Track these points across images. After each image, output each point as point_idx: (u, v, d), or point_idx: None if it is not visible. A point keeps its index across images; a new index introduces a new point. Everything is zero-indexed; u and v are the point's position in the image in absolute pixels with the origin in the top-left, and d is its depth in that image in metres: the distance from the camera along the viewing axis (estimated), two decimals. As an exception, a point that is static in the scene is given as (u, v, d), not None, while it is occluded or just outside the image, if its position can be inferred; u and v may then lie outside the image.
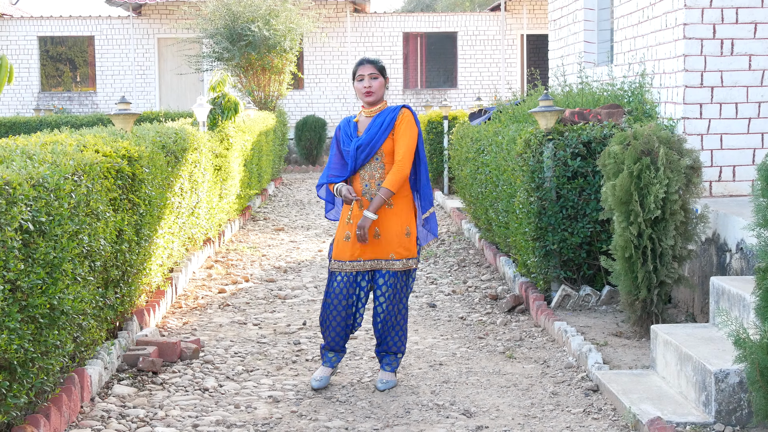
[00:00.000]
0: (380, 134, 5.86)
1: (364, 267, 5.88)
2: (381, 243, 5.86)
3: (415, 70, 27.61)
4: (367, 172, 5.91)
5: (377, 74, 5.91)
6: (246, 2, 20.52)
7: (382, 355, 6.06)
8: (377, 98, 5.94)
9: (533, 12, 27.00)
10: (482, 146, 10.14)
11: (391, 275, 5.87)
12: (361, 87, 5.92)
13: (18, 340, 4.27)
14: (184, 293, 8.74)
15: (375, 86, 5.91)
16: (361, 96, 5.95)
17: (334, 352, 6.07)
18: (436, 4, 46.25)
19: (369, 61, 5.95)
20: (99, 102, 26.90)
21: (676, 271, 6.63)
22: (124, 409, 5.49)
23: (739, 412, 4.85)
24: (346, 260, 5.88)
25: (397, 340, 6.00)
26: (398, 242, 5.86)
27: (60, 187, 4.85)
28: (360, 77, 5.93)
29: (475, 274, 9.67)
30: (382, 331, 5.97)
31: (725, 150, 7.76)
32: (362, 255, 5.87)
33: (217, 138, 11.18)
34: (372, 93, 5.92)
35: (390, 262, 5.87)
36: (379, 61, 6.00)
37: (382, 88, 5.95)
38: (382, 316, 5.92)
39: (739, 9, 7.65)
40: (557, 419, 5.31)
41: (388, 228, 5.86)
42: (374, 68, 5.92)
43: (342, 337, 6.01)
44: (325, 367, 6.06)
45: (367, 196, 5.89)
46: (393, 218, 5.87)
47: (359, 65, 5.95)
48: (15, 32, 26.90)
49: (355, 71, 5.96)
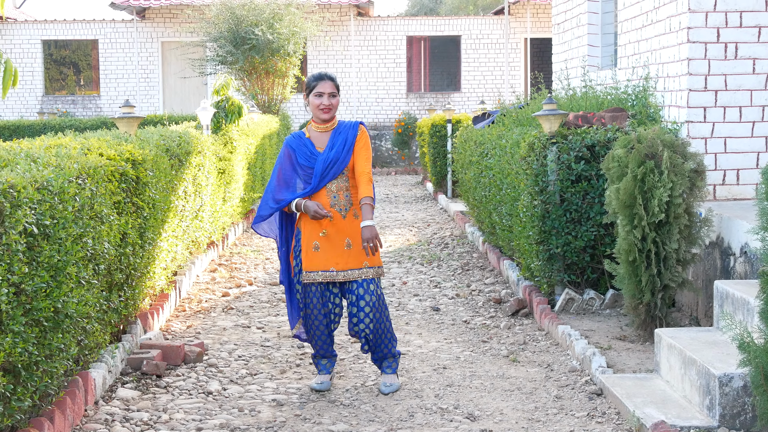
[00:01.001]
0: (346, 151, 5.88)
1: (337, 278, 5.86)
2: (353, 253, 5.87)
3: (419, 73, 27.62)
4: (335, 184, 5.90)
5: (335, 92, 5.90)
6: (250, 6, 20.54)
7: (380, 361, 6.06)
8: (332, 116, 5.95)
9: (537, 16, 27.01)
10: (486, 150, 10.13)
11: (370, 282, 5.87)
12: (319, 103, 5.87)
13: (22, 344, 4.27)
14: (188, 296, 8.74)
15: (333, 104, 5.90)
16: (317, 112, 5.90)
17: (326, 358, 6.09)
18: (440, 7, 46.28)
19: (329, 78, 5.91)
20: (103, 105, 26.93)
21: (680, 275, 6.62)
22: (128, 412, 5.49)
23: (743, 416, 4.84)
24: (318, 270, 5.87)
25: (389, 343, 6.01)
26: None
27: (64, 190, 4.86)
28: (319, 93, 5.87)
29: (479, 277, 9.67)
30: (374, 341, 5.96)
31: (729, 153, 7.75)
32: (335, 266, 5.86)
33: (221, 141, 11.19)
34: (329, 111, 5.90)
35: (364, 271, 5.87)
36: (336, 78, 6.03)
37: (336, 107, 5.96)
38: (371, 326, 5.90)
39: (743, 13, 7.65)
40: (561, 423, 5.31)
41: (358, 237, 5.87)
42: (333, 86, 5.90)
43: (328, 344, 6.04)
44: (322, 374, 6.08)
45: (336, 208, 5.89)
46: (360, 228, 5.89)
47: (319, 80, 5.88)
48: (19, 36, 26.94)
49: (313, 85, 5.88)
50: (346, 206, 5.90)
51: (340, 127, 5.96)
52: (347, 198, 5.90)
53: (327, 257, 5.86)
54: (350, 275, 5.86)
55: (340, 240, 5.86)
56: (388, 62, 27.09)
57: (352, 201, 5.91)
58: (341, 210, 5.89)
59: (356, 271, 5.86)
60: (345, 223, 5.88)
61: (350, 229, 5.88)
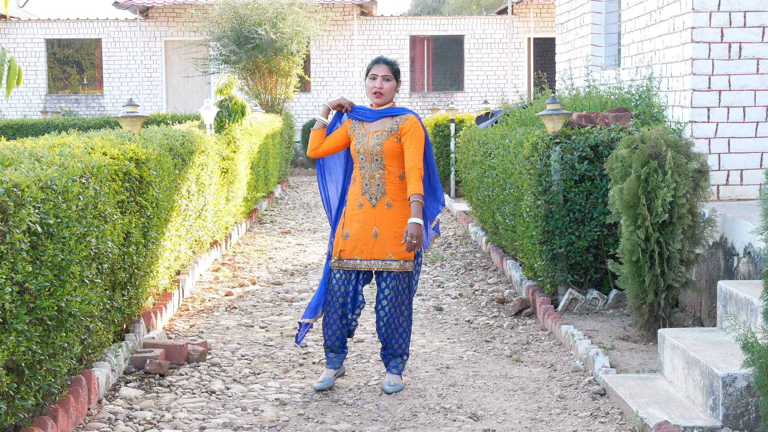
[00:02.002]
0: (381, 138, 5.87)
1: (360, 267, 5.86)
2: (379, 243, 5.85)
3: (422, 73, 27.63)
4: (368, 172, 5.90)
5: (390, 76, 5.89)
6: (253, 5, 20.55)
7: (388, 358, 6.06)
8: (386, 100, 5.93)
9: (540, 15, 27.00)
10: (489, 149, 10.13)
11: (393, 278, 5.85)
12: (372, 86, 5.91)
13: (26, 342, 4.27)
14: (191, 296, 8.75)
15: (386, 88, 5.89)
16: (370, 95, 5.93)
17: (334, 352, 6.07)
18: (443, 7, 46.28)
19: (385, 62, 5.91)
20: (106, 104, 26.95)
21: (683, 275, 6.61)
22: (131, 411, 5.49)
23: (747, 417, 4.84)
24: (344, 258, 5.89)
25: (402, 343, 6.00)
26: (396, 243, 5.84)
27: (68, 189, 4.86)
28: (373, 76, 5.90)
29: (482, 277, 9.66)
30: (386, 334, 5.96)
31: (733, 154, 7.74)
32: (360, 254, 5.86)
33: (224, 141, 11.19)
34: (381, 94, 5.90)
35: (387, 263, 5.84)
36: (396, 63, 5.97)
37: (393, 92, 5.93)
38: (385, 319, 5.91)
39: (747, 13, 7.64)
40: (564, 423, 5.30)
41: (387, 228, 5.84)
42: (389, 70, 5.90)
43: (338, 337, 6.00)
44: (328, 369, 6.07)
45: (367, 196, 5.88)
46: (391, 219, 5.86)
47: (375, 63, 5.92)
48: (22, 35, 26.96)
49: (369, 68, 5.93)
50: (377, 195, 5.86)
51: (391, 111, 5.93)
52: (379, 187, 5.87)
53: (354, 245, 5.86)
54: (372, 265, 5.84)
55: (368, 229, 5.84)
56: (392, 62, 27.05)
57: (385, 190, 5.87)
58: (371, 198, 5.86)
59: (379, 262, 5.84)
60: (375, 212, 5.85)
61: (379, 219, 5.85)
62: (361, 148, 5.89)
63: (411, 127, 5.85)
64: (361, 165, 5.92)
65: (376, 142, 5.86)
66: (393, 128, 5.87)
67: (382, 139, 5.86)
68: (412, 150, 5.81)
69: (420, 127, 5.88)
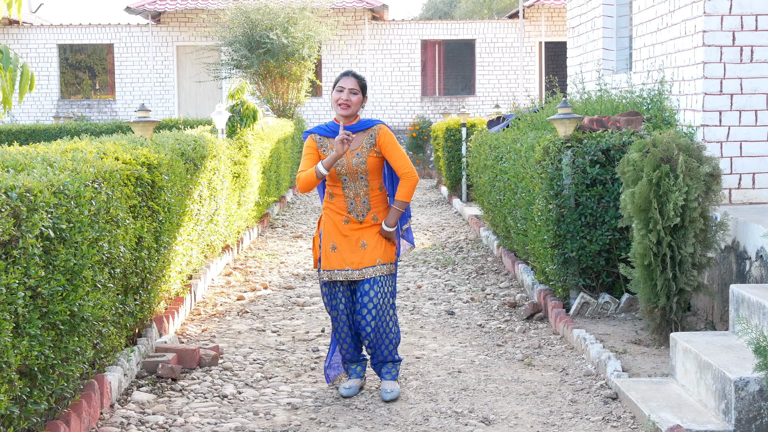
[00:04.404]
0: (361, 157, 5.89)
1: (353, 276, 5.88)
2: (367, 252, 5.89)
3: (433, 77, 27.63)
4: (352, 190, 5.92)
5: (358, 90, 5.88)
6: (264, 10, 20.59)
7: (378, 366, 6.04)
8: (351, 113, 5.91)
9: (551, 19, 26.98)
10: (501, 153, 10.13)
11: (376, 281, 5.87)
12: (339, 98, 5.88)
13: (39, 347, 4.29)
14: (203, 300, 8.77)
15: (353, 101, 5.88)
16: (336, 107, 5.92)
17: (356, 363, 6.08)
18: (454, 11, 46.29)
19: (354, 76, 5.92)
20: (118, 110, 27.03)
21: (695, 279, 6.60)
22: (143, 415, 5.51)
23: (759, 421, 4.82)
24: (335, 269, 5.90)
25: (392, 348, 5.99)
26: (383, 248, 5.91)
27: (80, 194, 4.88)
28: (340, 88, 5.89)
29: (494, 281, 9.66)
30: (375, 341, 5.94)
31: (745, 157, 7.73)
32: (350, 265, 5.88)
33: (236, 145, 11.21)
34: (348, 107, 5.88)
35: (376, 268, 5.88)
36: (364, 79, 6.01)
37: (359, 105, 5.91)
38: (373, 324, 5.89)
39: (758, 16, 7.62)
40: (576, 427, 5.30)
41: (372, 237, 5.91)
42: (357, 84, 5.89)
43: (354, 347, 6.03)
44: (352, 379, 6.08)
45: (353, 214, 5.91)
46: (376, 229, 5.93)
47: (344, 75, 5.92)
48: (35, 40, 27.07)
49: (338, 80, 5.92)
50: (363, 212, 5.92)
51: (362, 125, 5.93)
52: (365, 204, 5.92)
53: (343, 257, 5.88)
54: (365, 273, 5.86)
55: (356, 241, 5.89)
56: (403, 66, 27.09)
57: (370, 206, 5.93)
58: (358, 216, 5.91)
59: (371, 269, 5.87)
60: (362, 227, 5.92)
61: (366, 232, 5.91)
62: (342, 170, 5.87)
63: (385, 137, 5.93)
64: (345, 185, 5.92)
65: (359, 161, 5.88)
66: (371, 143, 5.91)
67: (363, 156, 5.89)
68: (397, 156, 5.93)
69: (391, 133, 5.98)
